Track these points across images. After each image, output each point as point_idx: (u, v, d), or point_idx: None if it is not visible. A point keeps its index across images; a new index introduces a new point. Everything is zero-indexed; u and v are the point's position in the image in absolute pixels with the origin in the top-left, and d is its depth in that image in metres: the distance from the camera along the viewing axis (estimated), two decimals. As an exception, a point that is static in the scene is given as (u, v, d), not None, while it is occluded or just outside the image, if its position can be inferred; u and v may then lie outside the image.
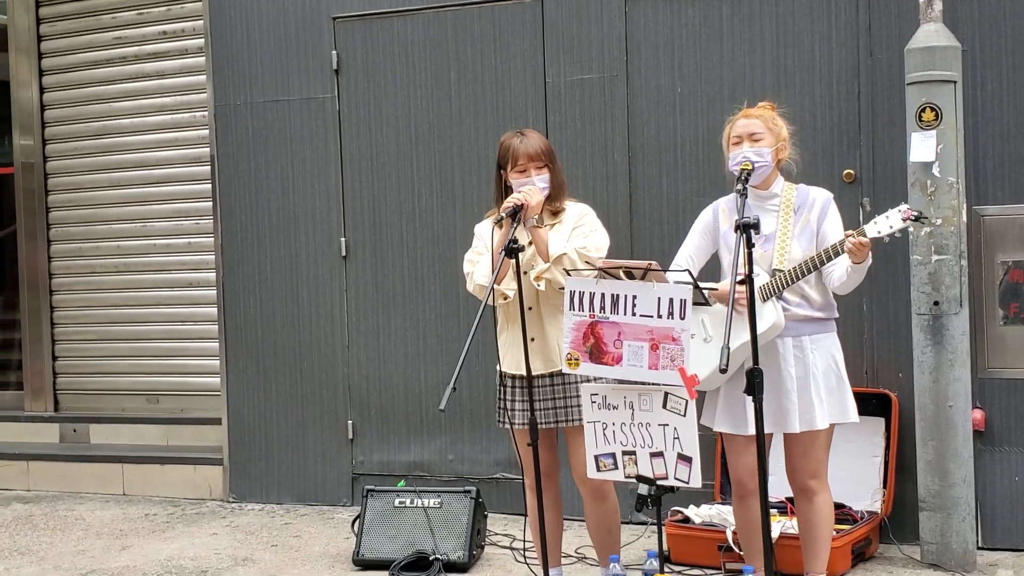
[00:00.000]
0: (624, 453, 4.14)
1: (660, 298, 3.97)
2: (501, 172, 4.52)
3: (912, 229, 4.91)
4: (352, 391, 6.53)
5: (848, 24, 5.48)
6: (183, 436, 7.27)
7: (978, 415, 5.19)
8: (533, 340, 4.38)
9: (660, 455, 4.07)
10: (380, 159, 6.45)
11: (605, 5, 5.91)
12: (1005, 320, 5.24)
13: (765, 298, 4.13)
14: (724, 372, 3.67)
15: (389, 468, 6.42)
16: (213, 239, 6.91)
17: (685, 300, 3.93)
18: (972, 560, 5.02)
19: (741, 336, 3.99)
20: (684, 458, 4.01)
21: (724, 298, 4.14)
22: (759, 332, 3.87)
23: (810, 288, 4.24)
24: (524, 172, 4.43)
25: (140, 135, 7.46)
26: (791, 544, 4.68)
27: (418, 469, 6.36)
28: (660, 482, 4.09)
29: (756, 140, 4.26)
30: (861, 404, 4.63)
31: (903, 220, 4.01)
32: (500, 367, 4.51)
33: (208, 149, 6.94)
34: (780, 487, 4.76)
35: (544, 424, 4.41)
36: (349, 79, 6.50)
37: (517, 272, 4.21)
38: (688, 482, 4.02)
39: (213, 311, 6.97)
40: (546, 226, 4.43)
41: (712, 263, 4.50)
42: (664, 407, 4.03)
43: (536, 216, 4.38)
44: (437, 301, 6.32)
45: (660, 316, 3.97)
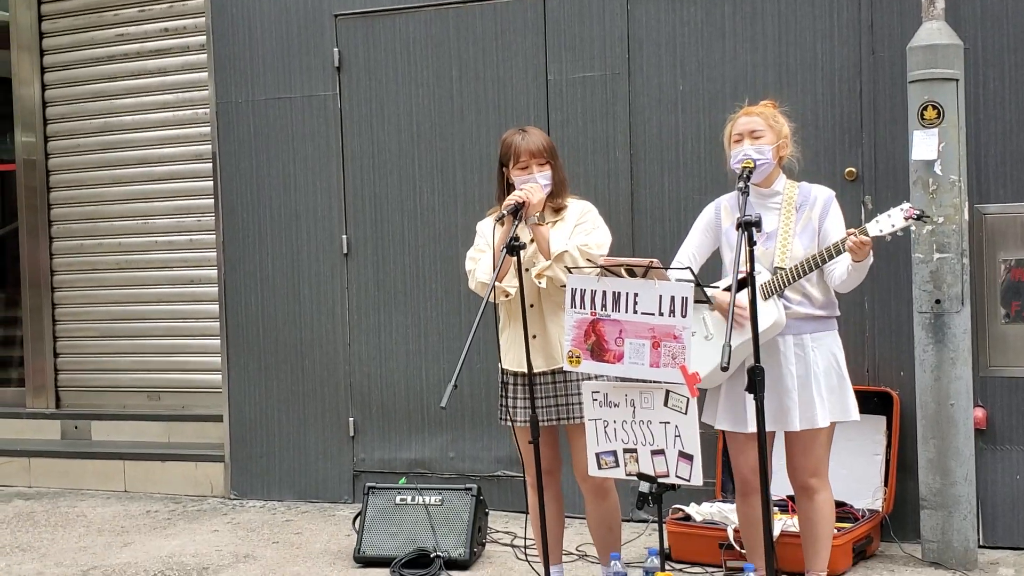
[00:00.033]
0: (625, 451, 4.14)
1: (661, 296, 3.97)
2: (503, 170, 4.51)
3: (914, 227, 4.91)
4: (353, 388, 6.53)
5: (850, 22, 5.48)
6: (184, 433, 7.27)
7: (979, 413, 5.19)
8: (535, 337, 4.37)
9: (661, 453, 4.07)
10: (382, 157, 6.45)
11: (607, 3, 5.91)
12: (1007, 318, 5.24)
13: (766, 296, 4.13)
14: (725, 370, 3.68)
15: (390, 465, 6.42)
16: (215, 236, 6.91)
17: (686, 298, 3.93)
18: (973, 558, 5.02)
19: (742, 334, 4.00)
20: (685, 456, 4.01)
21: (723, 307, 4.14)
22: (760, 330, 3.87)
23: (811, 286, 4.24)
24: (526, 169, 4.42)
25: (142, 132, 7.46)
26: (792, 542, 4.68)
27: (419, 466, 6.36)
28: (661, 480, 4.09)
29: (757, 138, 4.25)
30: (862, 402, 4.62)
31: (905, 219, 4.01)
32: (502, 364, 4.51)
33: (210, 146, 6.94)
34: (781, 485, 4.76)
35: (546, 421, 4.41)
36: (351, 76, 6.50)
37: (518, 269, 4.21)
38: (689, 480, 4.02)
39: (215, 308, 6.98)
40: (548, 223, 4.43)
41: (714, 261, 4.50)
42: (665, 405, 4.03)
43: (538, 214, 4.37)
44: (438, 299, 6.32)
45: (661, 314, 3.97)
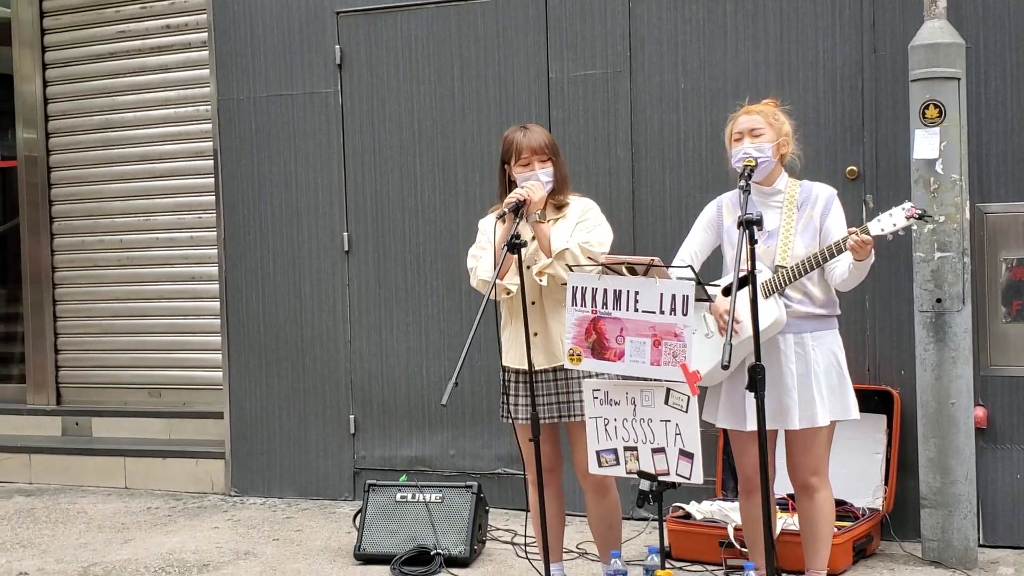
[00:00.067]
0: (626, 449, 4.14)
1: (662, 294, 3.97)
2: (505, 167, 4.51)
3: (915, 226, 4.91)
4: (354, 386, 6.53)
5: (852, 20, 5.47)
6: (185, 430, 7.27)
7: (980, 412, 5.19)
8: (536, 335, 4.37)
9: (662, 451, 4.07)
10: (383, 154, 6.45)
11: (609, 1, 5.90)
12: (1007, 318, 5.24)
13: (767, 294, 4.13)
14: (726, 368, 3.68)
15: (391, 463, 6.42)
16: (216, 233, 6.91)
17: (687, 296, 3.93)
18: (973, 557, 5.02)
19: (743, 332, 3.99)
20: (686, 454, 4.01)
21: (720, 316, 4.14)
22: (761, 328, 3.87)
23: (812, 285, 4.24)
24: (528, 166, 4.42)
25: (143, 129, 7.46)
26: (792, 540, 4.68)
27: (420, 464, 6.37)
28: (661, 478, 4.09)
29: (757, 136, 4.25)
30: (863, 401, 4.62)
31: (906, 218, 4.00)
32: (503, 362, 4.51)
33: (211, 143, 6.94)
34: (782, 484, 4.76)
35: (547, 419, 4.41)
36: (352, 74, 6.50)
37: (519, 267, 4.21)
38: (690, 478, 4.03)
39: (215, 305, 6.98)
40: (549, 220, 4.42)
41: (715, 259, 4.50)
42: (666, 403, 4.03)
43: (539, 211, 4.37)
44: (439, 296, 6.32)
45: (662, 312, 3.97)
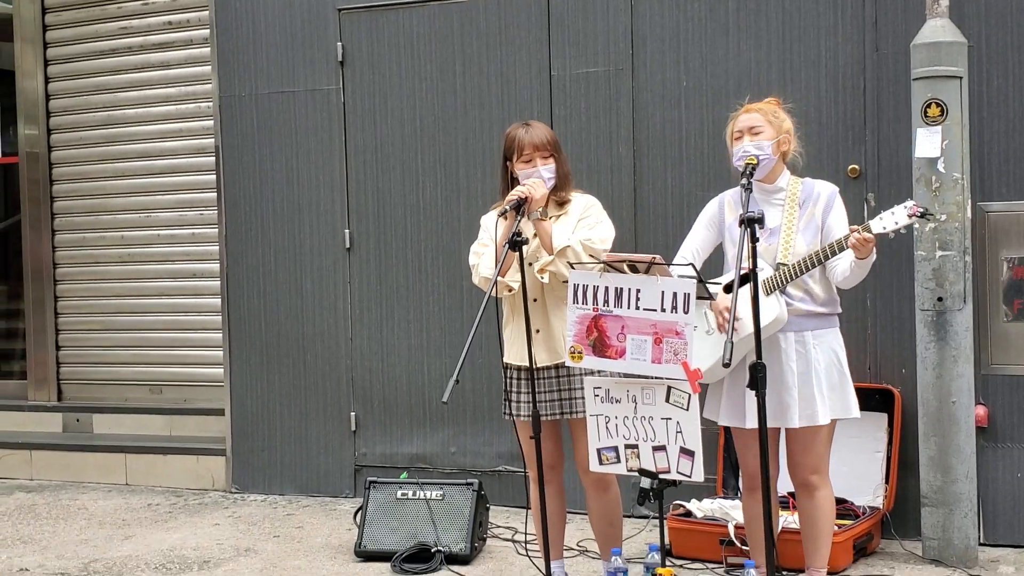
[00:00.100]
0: (626, 447, 4.14)
1: (664, 292, 3.97)
2: (507, 164, 4.50)
3: (917, 225, 4.91)
4: (355, 383, 6.54)
5: (854, 19, 5.47)
6: (186, 426, 7.28)
7: (981, 411, 5.19)
8: (538, 332, 4.37)
9: (662, 449, 4.07)
10: (385, 151, 6.45)
11: (611, -2, 5.92)
12: (1008, 316, 5.24)
13: (768, 292, 4.13)
14: (727, 366, 3.68)
15: (391, 460, 6.42)
16: (217, 230, 6.91)
17: (689, 294, 3.93)
18: (974, 556, 5.02)
19: (744, 329, 3.99)
20: (686, 452, 4.02)
21: (720, 313, 4.14)
22: (761, 326, 3.87)
23: (814, 283, 4.24)
24: (530, 162, 4.42)
25: (145, 125, 7.46)
26: (792, 539, 4.68)
27: (420, 461, 6.37)
28: (662, 476, 4.10)
29: (756, 134, 4.25)
30: (864, 399, 4.62)
31: (909, 216, 4.00)
32: (505, 359, 4.51)
33: (213, 140, 6.94)
34: (783, 482, 4.75)
35: (549, 416, 4.41)
36: (354, 71, 6.50)
37: (521, 264, 4.21)
38: (690, 476, 4.03)
39: (217, 302, 6.98)
40: (551, 217, 4.42)
41: (716, 256, 4.50)
42: (667, 401, 4.04)
43: (541, 209, 4.37)
44: (441, 294, 6.32)
45: (664, 310, 3.97)
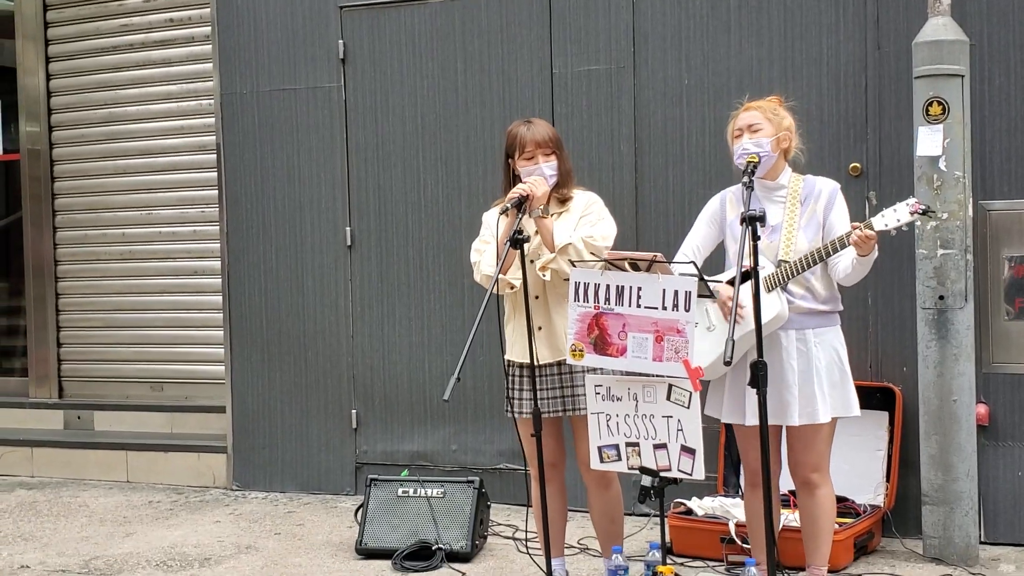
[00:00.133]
0: (627, 444, 4.15)
1: (665, 290, 3.98)
2: (509, 161, 4.51)
3: (919, 222, 4.91)
4: (356, 380, 6.54)
5: (856, 17, 5.47)
6: (187, 424, 7.28)
7: (982, 410, 5.19)
8: (540, 329, 4.37)
9: (663, 447, 4.07)
10: (386, 149, 6.44)
11: (612, -4, 5.91)
12: (1010, 315, 5.23)
13: (770, 288, 4.13)
14: (728, 364, 3.68)
15: (392, 458, 6.42)
16: (218, 227, 6.91)
17: (690, 292, 3.93)
18: (975, 554, 5.02)
19: (745, 326, 3.99)
20: (687, 450, 4.02)
21: (724, 303, 4.14)
22: (762, 322, 3.87)
23: (815, 280, 4.23)
24: (532, 159, 4.42)
25: (146, 123, 7.46)
26: (793, 537, 4.68)
27: (421, 459, 6.37)
28: (663, 474, 4.10)
29: (755, 131, 4.25)
30: (865, 398, 4.62)
31: (911, 214, 4.00)
32: (508, 356, 4.51)
33: (214, 137, 6.94)
34: (783, 480, 4.75)
35: (551, 413, 4.41)
36: (356, 69, 6.50)
37: (522, 262, 4.21)
38: (691, 474, 4.03)
39: (218, 299, 6.98)
40: (553, 215, 4.42)
41: (718, 254, 4.49)
42: (668, 399, 4.04)
43: (542, 206, 4.37)
44: (442, 291, 6.32)
45: (665, 308, 3.97)
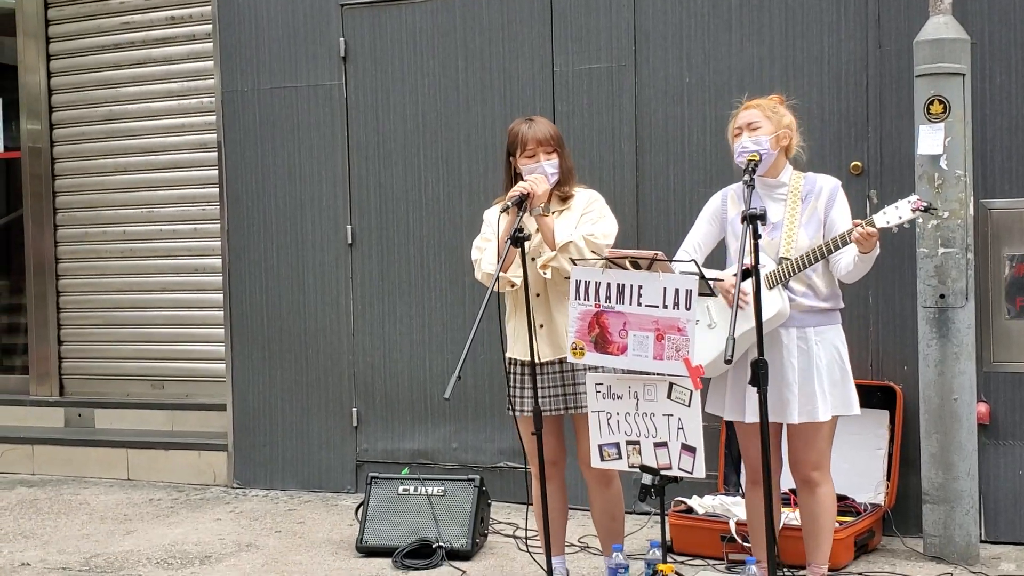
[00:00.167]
0: (628, 443, 4.15)
1: (666, 288, 3.98)
2: (510, 159, 4.51)
3: (920, 220, 4.91)
4: (357, 378, 6.54)
5: (857, 15, 5.46)
6: (188, 422, 7.28)
7: (983, 408, 5.19)
8: (541, 327, 4.37)
9: (664, 445, 4.07)
10: (387, 147, 6.44)
11: (614, -6, 5.91)
12: (1011, 314, 5.23)
13: (771, 286, 4.13)
14: (729, 363, 3.68)
15: (393, 456, 6.43)
16: (219, 225, 6.91)
17: (690, 290, 3.93)
18: (975, 553, 5.02)
19: (746, 323, 3.99)
20: (688, 448, 4.02)
21: (727, 291, 4.14)
22: (764, 319, 3.87)
23: (817, 277, 4.23)
24: (533, 157, 4.42)
25: (147, 120, 7.46)
26: (793, 535, 4.68)
27: (422, 457, 6.37)
28: (664, 472, 4.10)
29: (754, 129, 4.25)
30: (866, 396, 4.62)
31: (912, 211, 4.00)
32: (509, 354, 4.50)
33: (215, 135, 6.94)
34: (784, 478, 4.75)
35: (552, 411, 4.41)
36: (357, 66, 6.50)
37: (523, 260, 4.21)
38: (692, 472, 4.03)
39: (219, 297, 6.98)
40: (554, 212, 4.42)
41: (719, 250, 4.49)
42: (668, 397, 4.04)
43: (543, 204, 4.36)
44: (443, 289, 6.32)
45: (666, 306, 3.97)
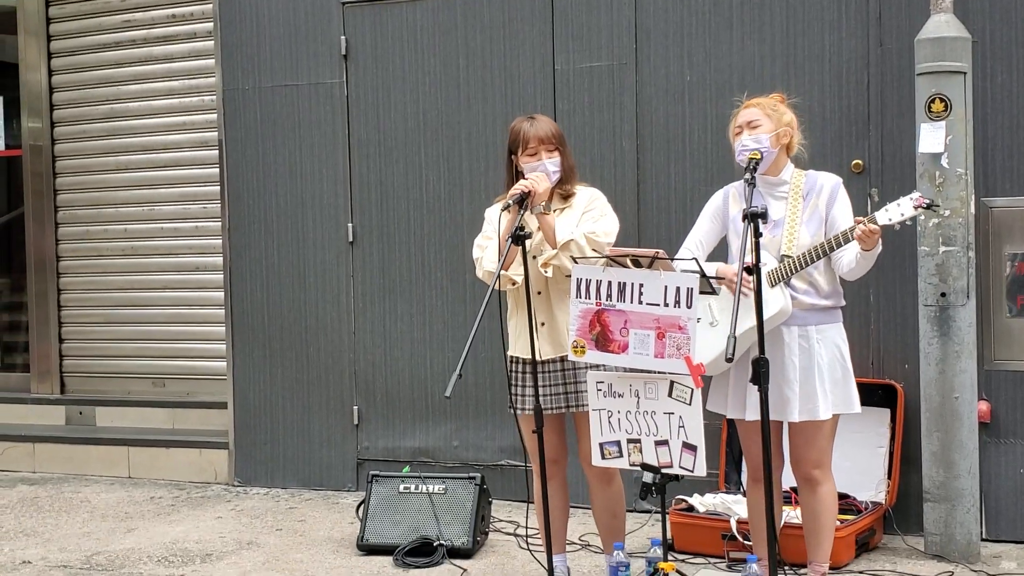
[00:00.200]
0: (629, 441, 4.14)
1: (667, 286, 3.98)
2: (511, 157, 4.51)
3: (922, 219, 4.91)
4: (358, 376, 6.54)
5: (858, 14, 5.46)
6: (189, 420, 7.28)
7: (984, 407, 5.19)
8: (543, 325, 4.37)
9: (665, 443, 4.07)
10: (388, 145, 6.44)
11: (615, -8, 5.91)
12: (1012, 312, 5.23)
13: (773, 283, 4.13)
14: (730, 361, 3.68)
15: (394, 454, 6.43)
16: (220, 223, 6.91)
17: (692, 289, 3.93)
18: (976, 551, 5.02)
19: (747, 321, 3.99)
20: (689, 446, 4.02)
21: (730, 281, 4.13)
22: (765, 317, 3.87)
23: (818, 274, 4.24)
24: (535, 155, 4.42)
25: (148, 119, 7.46)
26: (794, 534, 4.68)
27: (423, 455, 6.37)
28: (665, 470, 4.10)
29: (754, 128, 4.26)
30: (867, 395, 4.62)
31: (914, 208, 4.00)
32: (511, 352, 4.50)
33: (216, 133, 6.94)
34: (785, 477, 4.75)
35: (554, 409, 4.41)
36: (358, 65, 6.50)
37: (524, 258, 4.21)
38: (693, 470, 4.03)
39: (220, 295, 6.98)
40: (555, 210, 4.43)
41: (721, 249, 4.50)
42: (670, 395, 4.04)
43: (544, 203, 4.36)
44: (444, 287, 6.32)
45: (667, 304, 3.97)
